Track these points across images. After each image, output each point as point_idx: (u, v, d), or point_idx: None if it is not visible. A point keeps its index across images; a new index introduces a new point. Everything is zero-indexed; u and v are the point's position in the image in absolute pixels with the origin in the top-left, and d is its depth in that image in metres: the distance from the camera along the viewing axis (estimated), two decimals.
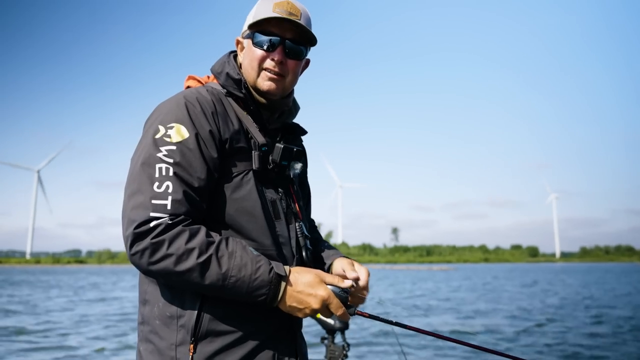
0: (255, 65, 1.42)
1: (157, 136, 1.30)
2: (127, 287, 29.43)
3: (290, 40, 1.42)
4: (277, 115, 1.51)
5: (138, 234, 1.20)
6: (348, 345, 3.31)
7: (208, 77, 1.56)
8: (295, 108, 1.57)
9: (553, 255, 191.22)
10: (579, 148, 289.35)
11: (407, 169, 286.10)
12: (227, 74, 1.45)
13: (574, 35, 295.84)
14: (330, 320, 3.21)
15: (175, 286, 1.30)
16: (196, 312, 1.28)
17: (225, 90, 1.46)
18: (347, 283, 1.34)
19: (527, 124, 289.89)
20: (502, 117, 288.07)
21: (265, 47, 1.41)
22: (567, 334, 11.24)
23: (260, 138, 1.42)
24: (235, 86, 1.45)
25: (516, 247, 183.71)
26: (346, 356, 3.28)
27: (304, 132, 1.62)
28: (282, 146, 1.44)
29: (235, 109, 1.44)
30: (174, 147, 1.28)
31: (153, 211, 1.21)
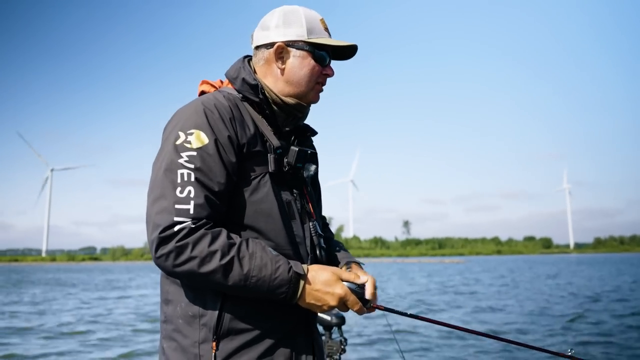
0: (314, 78, 1.52)
1: (178, 142, 1.35)
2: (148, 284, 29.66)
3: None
4: (291, 118, 1.56)
5: (163, 237, 1.26)
6: (345, 340, 3.30)
7: (221, 81, 1.60)
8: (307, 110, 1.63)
9: (567, 246, 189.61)
10: (592, 138, 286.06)
11: (418, 162, 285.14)
12: (244, 79, 1.50)
13: (586, 26, 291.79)
14: (327, 317, 3.20)
15: (198, 287, 1.36)
16: (217, 311, 1.34)
17: (241, 95, 1.51)
18: (362, 279, 1.41)
19: (539, 114, 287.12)
20: (514, 108, 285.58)
21: (325, 63, 1.53)
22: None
23: (275, 141, 1.47)
24: (252, 91, 1.49)
25: (529, 239, 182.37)
26: (344, 351, 3.26)
27: (315, 133, 1.67)
28: (297, 149, 1.48)
29: (251, 113, 1.49)
30: (194, 153, 1.33)
31: (177, 215, 1.27)
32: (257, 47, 1.55)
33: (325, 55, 1.52)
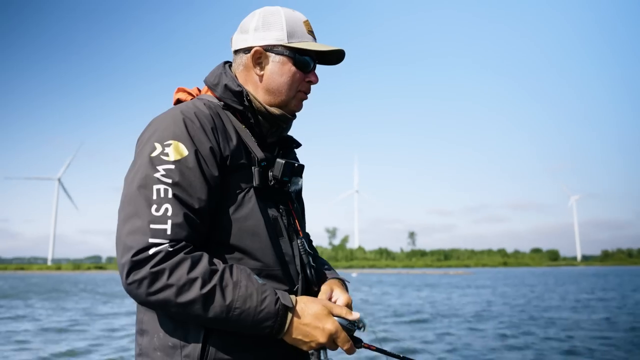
0: (296, 86, 1.40)
1: (154, 154, 1.22)
2: None
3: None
4: (275, 129, 1.45)
5: (136, 262, 1.12)
6: None
7: (198, 89, 1.50)
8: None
9: (574, 258, 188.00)
10: (601, 148, 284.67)
11: (427, 173, 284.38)
12: (226, 85, 1.39)
13: (592, 37, 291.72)
14: None
15: (175, 317, 1.23)
16: (201, 341, 1.21)
17: (222, 103, 1.40)
18: (355, 315, 1.28)
19: (547, 125, 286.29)
20: (522, 120, 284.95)
21: (307, 69, 1.41)
22: None
23: (259, 153, 1.35)
24: (235, 99, 1.38)
25: (536, 251, 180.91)
26: None
27: (299, 145, 1.56)
28: (284, 162, 1.37)
29: (233, 122, 1.38)
30: (172, 166, 1.20)
31: (152, 237, 1.14)
32: (236, 52, 1.44)
33: (309, 61, 1.40)
